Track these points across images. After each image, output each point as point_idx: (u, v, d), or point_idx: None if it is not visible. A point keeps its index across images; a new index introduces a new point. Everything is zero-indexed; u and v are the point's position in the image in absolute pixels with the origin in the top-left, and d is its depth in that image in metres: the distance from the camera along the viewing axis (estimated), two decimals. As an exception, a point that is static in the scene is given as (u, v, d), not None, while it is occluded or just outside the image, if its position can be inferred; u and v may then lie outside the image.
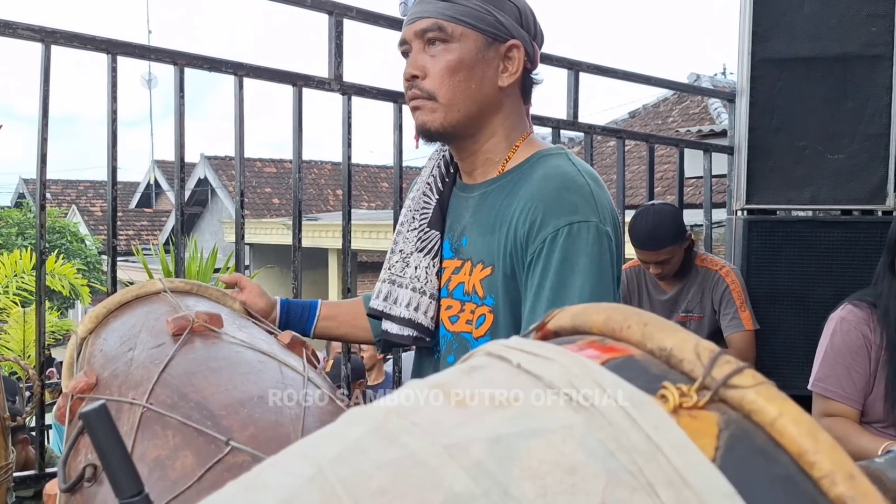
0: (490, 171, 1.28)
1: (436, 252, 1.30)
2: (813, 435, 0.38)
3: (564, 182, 1.17)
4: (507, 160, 1.26)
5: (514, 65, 1.23)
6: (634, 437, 0.38)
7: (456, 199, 1.33)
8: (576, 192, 1.16)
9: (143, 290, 1.24)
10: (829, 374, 1.68)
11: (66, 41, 1.78)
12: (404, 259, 1.33)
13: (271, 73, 2.14)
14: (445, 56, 1.20)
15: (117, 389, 0.91)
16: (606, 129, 3.08)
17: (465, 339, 1.25)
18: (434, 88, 1.21)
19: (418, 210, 1.35)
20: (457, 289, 1.26)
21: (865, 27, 2.68)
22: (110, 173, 1.90)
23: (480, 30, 1.20)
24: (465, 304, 1.25)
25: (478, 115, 1.23)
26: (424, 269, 1.29)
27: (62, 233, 14.34)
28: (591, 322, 0.50)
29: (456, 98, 1.21)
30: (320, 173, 17.90)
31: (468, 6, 1.19)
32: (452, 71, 1.20)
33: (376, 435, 0.41)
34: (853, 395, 1.66)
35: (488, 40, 1.21)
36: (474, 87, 1.21)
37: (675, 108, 12.77)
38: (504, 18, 1.21)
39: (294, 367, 0.97)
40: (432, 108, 1.22)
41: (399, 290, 1.32)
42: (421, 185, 1.38)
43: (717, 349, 0.43)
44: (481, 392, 0.43)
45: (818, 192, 2.76)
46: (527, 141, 1.28)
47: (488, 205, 1.25)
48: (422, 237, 1.32)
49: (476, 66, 1.20)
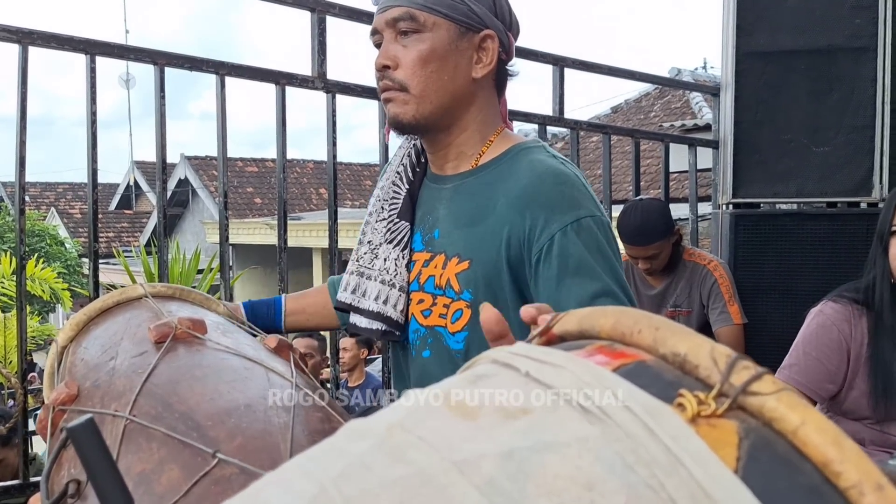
0: (462, 164, 1.25)
1: (406, 244, 1.27)
2: (838, 443, 0.37)
3: (558, 177, 1.14)
4: (480, 154, 1.24)
5: (489, 56, 1.20)
6: (653, 449, 0.36)
7: (427, 191, 1.30)
8: (572, 187, 1.14)
9: (124, 295, 1.21)
10: (795, 363, 1.69)
11: (44, 42, 1.74)
12: (373, 250, 1.30)
13: (253, 72, 2.11)
14: (417, 46, 1.16)
15: (99, 400, 0.88)
16: (592, 125, 3.08)
17: (439, 334, 1.23)
18: (406, 79, 1.17)
19: (387, 200, 1.31)
20: (428, 282, 1.24)
21: (849, 19, 2.68)
22: (90, 175, 1.86)
23: (453, 19, 1.17)
24: (437, 298, 1.22)
25: (451, 107, 1.20)
26: (394, 262, 1.26)
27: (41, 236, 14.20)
28: (598, 326, 0.48)
29: (428, 89, 1.17)
30: (303, 172, 17.82)
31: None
32: (424, 61, 1.16)
33: (381, 450, 0.39)
34: (815, 387, 1.67)
35: (461, 30, 1.18)
36: (447, 79, 1.18)
37: (657, 103, 12.82)
38: (478, 8, 1.18)
39: (281, 373, 0.94)
40: (404, 100, 1.18)
41: (368, 282, 1.29)
42: (390, 174, 1.34)
43: (733, 354, 0.41)
44: (490, 403, 0.41)
45: (804, 184, 2.76)
46: (501, 135, 1.26)
47: (465, 198, 1.22)
48: (391, 228, 1.29)
49: (449, 56, 1.17)
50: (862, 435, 1.72)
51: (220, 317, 1.25)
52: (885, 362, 1.63)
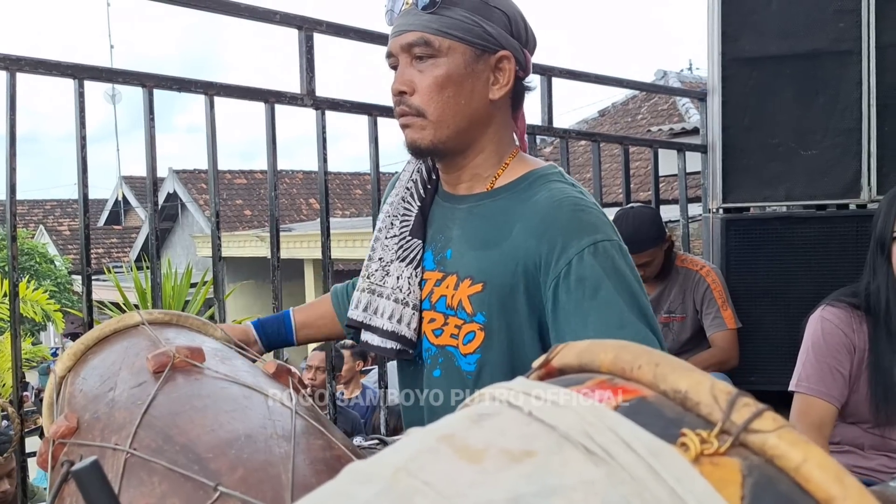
0: (477, 185, 1.25)
1: (418, 262, 1.26)
2: (840, 480, 0.37)
3: (576, 205, 1.14)
4: (496, 176, 1.23)
5: (505, 76, 1.19)
6: (658, 491, 0.36)
7: (439, 209, 1.29)
8: (590, 214, 1.14)
9: (121, 323, 1.20)
10: (812, 374, 1.67)
11: (32, 68, 1.73)
12: (384, 267, 1.29)
13: (242, 91, 2.11)
14: (433, 71, 1.15)
15: (100, 433, 0.88)
16: (582, 133, 3.09)
17: (451, 354, 1.22)
18: (423, 105, 1.17)
19: (398, 216, 1.30)
20: (440, 301, 1.23)
21: (833, 23, 2.70)
22: (82, 199, 1.85)
23: (468, 42, 1.15)
24: (448, 318, 1.22)
25: (468, 130, 1.20)
26: (407, 280, 1.25)
27: (31, 254, 14.12)
28: (598, 361, 0.48)
29: (445, 114, 1.17)
30: (292, 183, 17.79)
31: (455, 18, 1.15)
32: (441, 87, 1.15)
33: (388, 497, 0.39)
34: (835, 393, 1.65)
35: (477, 52, 1.17)
36: (464, 103, 1.17)
37: (644, 106, 12.88)
38: (493, 29, 1.17)
39: (281, 401, 0.94)
40: (422, 126, 1.18)
41: (380, 300, 1.28)
42: (400, 189, 1.33)
43: (734, 391, 0.41)
44: (494, 445, 0.41)
45: (793, 188, 2.78)
46: (517, 158, 1.25)
47: (480, 220, 1.22)
48: (403, 245, 1.28)
49: (465, 80, 1.16)
50: (862, 440, 1.72)
51: (218, 342, 1.25)
52: (885, 368, 1.63)
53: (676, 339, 2.76)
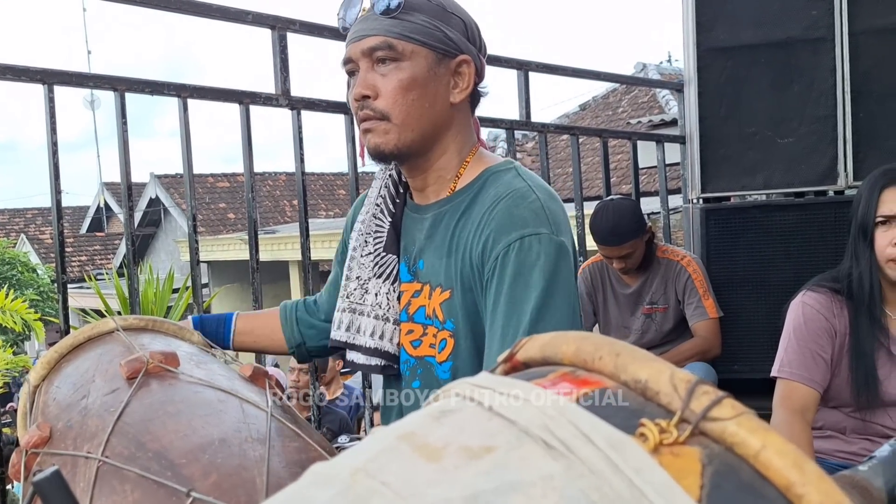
0: (442, 189, 1.25)
1: (395, 277, 1.27)
2: (799, 466, 0.37)
3: (514, 199, 1.13)
4: (457, 177, 1.24)
5: (465, 80, 1.20)
6: (617, 484, 0.36)
7: (409, 220, 1.30)
8: (525, 208, 1.12)
9: (95, 330, 1.19)
10: (794, 358, 1.68)
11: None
12: (362, 286, 1.29)
13: (216, 93, 2.09)
14: (397, 75, 1.15)
15: (72, 442, 0.87)
16: (560, 126, 3.09)
17: (429, 364, 1.23)
18: (387, 108, 1.16)
19: (371, 234, 1.31)
20: (417, 312, 1.24)
21: (806, 11, 2.72)
22: (55, 206, 1.83)
23: (431, 46, 1.16)
24: (427, 328, 1.22)
25: (431, 134, 1.20)
26: (385, 296, 1.26)
27: (12, 263, 13.98)
28: (560, 353, 0.48)
29: (410, 118, 1.17)
30: (275, 185, 17.72)
31: (416, 23, 1.15)
32: (405, 90, 1.15)
33: (345, 499, 0.38)
34: (817, 378, 1.66)
35: (438, 56, 1.17)
36: (427, 106, 1.17)
37: (625, 98, 12.92)
38: (452, 34, 1.18)
39: (256, 404, 0.93)
40: (385, 130, 1.17)
41: (361, 318, 1.29)
42: (369, 206, 1.34)
43: (693, 378, 0.41)
44: (454, 442, 0.41)
45: (771, 176, 2.79)
46: (476, 156, 1.26)
47: (442, 227, 1.22)
48: (378, 262, 1.28)
49: (428, 83, 1.17)
50: (843, 424, 1.73)
51: (194, 346, 1.24)
52: (866, 353, 1.64)
53: (659, 330, 2.77)
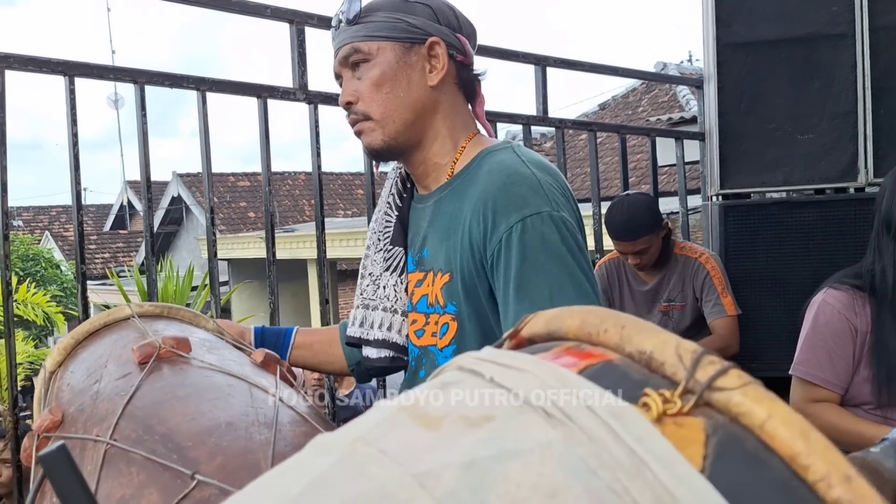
0: (441, 176, 1.27)
1: (402, 268, 1.29)
2: (805, 436, 0.36)
3: (509, 176, 1.13)
4: (454, 162, 1.25)
5: (440, 61, 1.22)
6: (617, 452, 0.35)
7: (414, 212, 1.32)
8: (522, 184, 1.12)
9: (111, 317, 1.20)
10: (810, 357, 1.66)
11: (21, 65, 1.73)
12: (375, 281, 1.32)
13: (234, 87, 2.10)
14: (368, 74, 1.21)
15: (83, 426, 0.88)
16: (577, 122, 3.08)
17: (431, 353, 1.23)
18: (367, 108, 1.22)
19: (381, 231, 1.34)
20: (420, 302, 1.25)
21: (826, 6, 2.68)
22: (74, 198, 1.85)
23: (394, 38, 1.21)
24: (429, 317, 1.23)
25: (415, 121, 1.23)
26: (393, 287, 1.28)
27: (36, 260, 14.15)
28: (565, 327, 0.47)
29: (388, 110, 1.21)
30: (294, 184, 17.79)
31: (377, 21, 1.21)
32: (377, 85, 1.21)
33: (344, 466, 0.38)
34: (834, 379, 1.64)
35: (406, 46, 1.21)
36: (402, 95, 1.21)
37: (644, 98, 12.84)
38: (416, 20, 1.21)
39: (265, 388, 0.94)
40: (371, 128, 1.22)
41: (373, 313, 1.30)
42: (381, 205, 1.38)
43: (699, 349, 0.40)
44: (453, 411, 0.40)
45: (791, 173, 2.76)
46: (473, 140, 1.27)
47: (442, 211, 1.23)
48: (387, 256, 1.31)
49: (399, 74, 1.21)
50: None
51: (209, 333, 1.24)
52: (889, 349, 1.61)
53: (676, 328, 2.74)
